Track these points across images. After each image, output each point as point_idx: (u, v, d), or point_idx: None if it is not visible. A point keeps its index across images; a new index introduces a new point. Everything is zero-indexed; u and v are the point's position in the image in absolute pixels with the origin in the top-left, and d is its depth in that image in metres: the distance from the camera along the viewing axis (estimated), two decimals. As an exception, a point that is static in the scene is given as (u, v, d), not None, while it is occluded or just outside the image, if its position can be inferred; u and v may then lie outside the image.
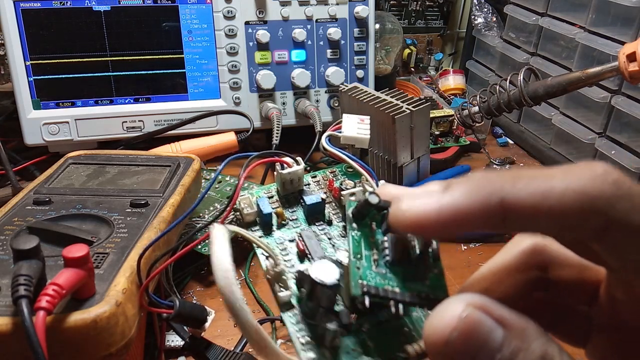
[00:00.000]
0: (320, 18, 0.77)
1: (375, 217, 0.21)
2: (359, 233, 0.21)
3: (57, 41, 0.70)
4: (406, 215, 0.19)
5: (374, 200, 0.20)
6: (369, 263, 0.20)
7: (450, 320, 0.17)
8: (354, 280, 0.19)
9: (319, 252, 0.30)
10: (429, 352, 0.18)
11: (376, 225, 0.21)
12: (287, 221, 0.33)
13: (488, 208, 0.17)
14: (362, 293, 0.19)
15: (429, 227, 0.18)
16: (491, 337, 0.17)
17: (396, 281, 0.20)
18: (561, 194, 0.17)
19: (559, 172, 0.17)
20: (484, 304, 0.18)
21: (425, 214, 0.18)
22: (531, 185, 0.17)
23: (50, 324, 0.29)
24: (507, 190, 0.17)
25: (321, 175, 0.36)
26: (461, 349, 0.17)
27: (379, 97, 0.66)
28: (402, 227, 0.19)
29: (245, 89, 0.76)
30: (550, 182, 0.17)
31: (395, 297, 0.20)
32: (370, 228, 0.21)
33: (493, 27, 0.95)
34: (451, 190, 0.18)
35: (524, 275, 0.23)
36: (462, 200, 0.18)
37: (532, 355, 0.17)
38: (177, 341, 0.45)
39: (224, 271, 0.25)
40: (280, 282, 0.29)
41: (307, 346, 0.27)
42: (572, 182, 0.17)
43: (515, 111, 0.76)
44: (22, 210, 0.42)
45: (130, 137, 0.74)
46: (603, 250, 0.18)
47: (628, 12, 0.66)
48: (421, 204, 0.18)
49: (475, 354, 0.17)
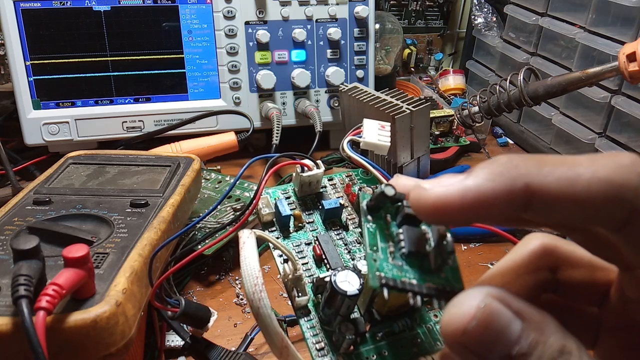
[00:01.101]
0: (320, 18, 0.77)
1: (390, 210, 0.21)
2: (374, 225, 0.21)
3: (57, 41, 0.70)
4: (429, 198, 0.18)
5: (390, 192, 0.20)
6: (386, 255, 0.20)
7: (468, 310, 0.17)
8: (372, 272, 0.19)
9: (335, 258, 0.31)
10: (447, 342, 0.17)
11: (391, 217, 0.21)
12: (304, 224, 0.33)
13: (513, 192, 0.17)
14: (380, 285, 0.19)
15: (451, 211, 0.18)
16: (509, 329, 0.17)
17: (413, 273, 0.20)
18: (587, 182, 0.16)
19: (585, 160, 0.17)
20: (502, 295, 0.17)
21: (448, 196, 0.17)
22: (557, 171, 0.17)
23: (50, 324, 0.29)
24: (533, 175, 0.17)
25: (338, 178, 0.36)
26: (479, 339, 0.17)
27: (379, 97, 0.66)
28: (424, 211, 0.18)
29: (245, 89, 0.76)
30: (576, 169, 0.17)
31: (413, 289, 0.20)
32: (385, 220, 0.21)
33: (493, 27, 0.95)
34: (475, 173, 0.17)
35: (533, 277, 0.23)
36: (486, 183, 0.17)
37: (550, 348, 0.17)
38: (177, 341, 0.45)
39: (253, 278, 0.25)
40: (298, 287, 0.29)
41: (322, 352, 0.28)
42: (598, 170, 0.17)
43: (515, 111, 0.76)
44: (22, 210, 0.42)
45: (130, 137, 0.74)
46: (624, 242, 0.18)
47: (628, 12, 0.66)
48: (445, 186, 0.18)
49: (493, 344, 0.17)
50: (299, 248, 0.32)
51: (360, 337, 0.28)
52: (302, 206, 0.34)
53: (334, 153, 0.79)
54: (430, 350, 0.29)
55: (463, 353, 0.17)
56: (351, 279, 0.27)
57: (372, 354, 0.28)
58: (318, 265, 0.31)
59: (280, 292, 0.53)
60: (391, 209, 0.21)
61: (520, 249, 0.23)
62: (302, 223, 0.33)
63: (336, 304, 0.27)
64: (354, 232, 0.33)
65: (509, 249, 0.57)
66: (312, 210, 0.34)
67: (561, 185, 0.17)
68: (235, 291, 0.54)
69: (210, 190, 0.63)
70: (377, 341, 0.29)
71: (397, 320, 0.30)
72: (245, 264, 0.26)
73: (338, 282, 0.26)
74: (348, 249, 0.32)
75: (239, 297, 0.53)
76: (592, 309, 0.23)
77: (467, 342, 0.17)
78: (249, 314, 0.51)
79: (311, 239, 0.32)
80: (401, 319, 0.30)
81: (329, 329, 0.28)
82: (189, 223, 0.55)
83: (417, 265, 0.20)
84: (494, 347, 0.17)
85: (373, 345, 0.29)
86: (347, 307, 0.27)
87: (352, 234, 0.33)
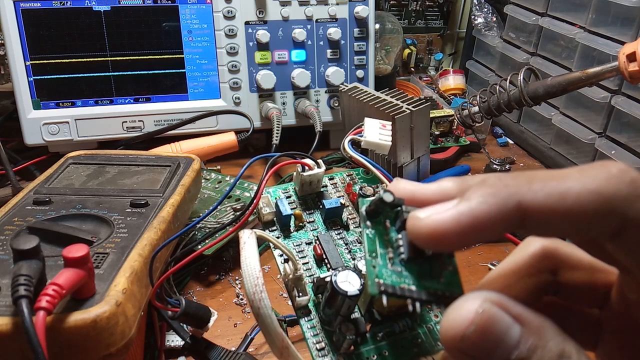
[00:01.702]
0: (320, 18, 0.77)
1: (389, 215, 0.21)
2: (373, 231, 0.21)
3: (57, 41, 0.69)
4: (424, 228, 0.18)
5: (389, 198, 0.20)
6: (385, 261, 0.20)
7: (467, 315, 0.17)
8: (371, 279, 0.19)
9: (336, 258, 0.31)
10: (446, 348, 0.17)
11: (390, 222, 0.21)
12: (304, 223, 0.33)
13: (506, 213, 0.17)
14: (379, 292, 0.19)
15: (448, 238, 0.18)
16: (508, 334, 0.17)
17: (412, 279, 0.20)
18: (577, 195, 0.17)
19: (574, 173, 0.17)
20: (501, 300, 0.17)
21: (443, 224, 0.18)
22: (547, 187, 0.17)
23: (50, 324, 0.29)
24: (524, 192, 0.17)
25: (339, 177, 0.36)
26: (478, 344, 0.17)
27: (379, 97, 0.66)
28: (420, 240, 0.19)
29: (245, 89, 0.76)
30: (566, 183, 0.17)
31: (412, 295, 0.20)
32: (384, 226, 0.21)
33: (493, 27, 0.95)
34: (467, 197, 0.18)
35: (534, 279, 0.23)
36: (479, 206, 0.17)
37: (549, 353, 0.17)
38: (177, 341, 0.45)
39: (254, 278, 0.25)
40: (298, 287, 0.29)
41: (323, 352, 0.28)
42: (587, 182, 0.17)
43: (515, 111, 0.76)
44: (22, 210, 0.42)
45: (130, 137, 0.74)
46: (618, 250, 0.18)
47: (628, 12, 0.66)
48: (439, 213, 0.18)
49: (492, 349, 0.17)
50: (300, 248, 0.32)
51: (361, 337, 0.28)
52: (302, 205, 0.34)
53: (334, 153, 0.79)
54: (431, 350, 0.29)
55: (462, 359, 0.17)
56: (352, 279, 0.27)
57: (373, 354, 0.28)
58: (319, 265, 0.31)
59: (281, 292, 0.53)
60: (390, 214, 0.21)
61: (520, 252, 0.23)
62: (302, 222, 0.33)
63: (337, 304, 0.27)
64: (354, 231, 0.33)
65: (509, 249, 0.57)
66: (313, 210, 0.34)
67: (551, 201, 0.17)
68: (235, 291, 0.54)
69: (210, 190, 0.63)
70: (378, 341, 0.29)
71: (398, 321, 0.30)
72: (245, 265, 0.26)
73: (339, 283, 0.26)
74: (349, 248, 0.32)
75: (239, 297, 0.53)
76: (593, 311, 0.23)
77: (465, 348, 0.17)
78: (249, 314, 0.51)
79: (312, 239, 0.32)
80: (402, 319, 0.30)
81: (329, 329, 0.29)
82: (189, 223, 0.55)
83: (416, 271, 0.20)
84: (493, 352, 0.17)
85: (374, 346, 0.29)
86: (347, 307, 0.27)
87: (353, 233, 0.33)
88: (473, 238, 0.18)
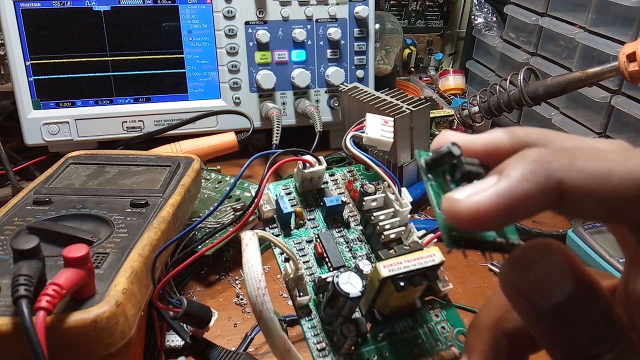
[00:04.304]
0: (320, 18, 0.77)
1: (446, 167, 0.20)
2: (435, 184, 0.20)
3: (57, 41, 0.69)
4: (463, 210, 0.17)
5: (457, 151, 0.20)
6: None
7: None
8: (447, 232, 0.18)
9: (336, 256, 0.31)
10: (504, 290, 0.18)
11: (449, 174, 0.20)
12: (305, 221, 0.33)
13: (547, 191, 0.17)
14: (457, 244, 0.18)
15: (487, 219, 0.17)
16: None
17: None
18: (618, 180, 0.16)
19: (617, 155, 0.17)
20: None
21: (482, 205, 0.17)
22: (590, 168, 0.17)
23: (50, 324, 0.29)
24: (565, 171, 0.17)
25: (339, 174, 0.36)
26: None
27: (379, 97, 0.66)
28: (459, 223, 0.18)
29: (245, 89, 0.76)
30: (608, 166, 0.17)
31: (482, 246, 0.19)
32: (443, 177, 0.20)
33: (493, 27, 0.95)
34: (506, 174, 0.17)
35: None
36: (521, 185, 0.17)
37: None
38: (177, 341, 0.45)
39: (256, 281, 0.25)
40: (299, 286, 0.29)
41: (323, 352, 0.28)
42: (630, 167, 0.16)
43: (515, 111, 0.76)
44: (22, 210, 0.42)
45: (130, 137, 0.74)
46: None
47: (628, 12, 0.66)
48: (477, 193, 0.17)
49: None
50: (300, 246, 0.32)
51: (362, 337, 0.28)
52: (303, 202, 0.34)
53: (334, 153, 0.79)
54: (432, 350, 0.29)
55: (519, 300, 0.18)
56: (354, 280, 0.27)
57: (373, 355, 0.28)
58: (319, 264, 0.31)
59: (281, 292, 0.53)
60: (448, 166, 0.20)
61: None
62: (303, 220, 0.33)
63: (338, 305, 0.27)
64: (355, 229, 0.33)
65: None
66: (314, 207, 0.34)
67: (593, 183, 0.16)
68: (235, 291, 0.54)
69: (210, 190, 0.63)
70: (379, 342, 0.29)
71: (399, 321, 0.30)
72: (248, 267, 0.25)
73: (341, 284, 0.26)
74: (349, 247, 0.32)
75: (239, 297, 0.53)
76: None
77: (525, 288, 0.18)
78: (249, 314, 0.51)
79: (312, 237, 0.32)
80: (402, 319, 0.30)
81: (330, 329, 0.28)
82: (189, 223, 0.55)
83: None
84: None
85: (374, 346, 0.29)
86: (349, 309, 0.27)
87: (354, 231, 0.33)
88: (514, 218, 0.17)
